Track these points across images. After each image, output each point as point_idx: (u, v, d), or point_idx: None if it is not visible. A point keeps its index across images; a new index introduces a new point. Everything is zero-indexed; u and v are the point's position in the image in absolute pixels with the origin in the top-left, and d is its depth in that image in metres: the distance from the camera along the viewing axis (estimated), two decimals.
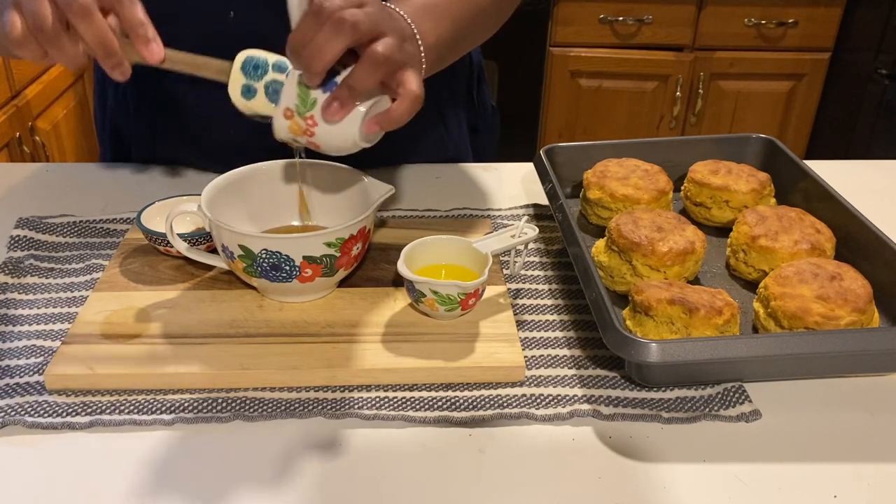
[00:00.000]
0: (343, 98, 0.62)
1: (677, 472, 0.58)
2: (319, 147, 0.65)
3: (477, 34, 0.87)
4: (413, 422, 0.62)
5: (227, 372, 0.64)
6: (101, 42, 0.62)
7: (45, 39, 0.62)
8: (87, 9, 0.61)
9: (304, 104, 0.63)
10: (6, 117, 1.76)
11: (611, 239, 0.77)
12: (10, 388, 0.63)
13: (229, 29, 0.84)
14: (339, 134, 0.64)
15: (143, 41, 0.63)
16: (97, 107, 1.04)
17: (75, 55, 0.63)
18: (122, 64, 0.64)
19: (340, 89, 0.62)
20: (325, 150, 0.66)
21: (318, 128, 0.63)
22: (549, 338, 0.71)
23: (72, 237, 0.83)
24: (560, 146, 0.93)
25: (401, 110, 0.63)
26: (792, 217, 0.79)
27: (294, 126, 0.64)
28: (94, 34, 0.61)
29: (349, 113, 0.63)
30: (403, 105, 0.63)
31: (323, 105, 0.62)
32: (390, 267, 0.77)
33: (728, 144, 0.96)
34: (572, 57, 2.33)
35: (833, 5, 2.26)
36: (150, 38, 0.63)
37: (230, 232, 0.67)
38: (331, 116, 0.62)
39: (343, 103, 0.62)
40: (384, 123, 0.64)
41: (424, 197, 0.94)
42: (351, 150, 0.66)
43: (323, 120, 0.63)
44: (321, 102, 0.62)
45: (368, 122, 0.63)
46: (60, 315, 0.72)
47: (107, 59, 0.63)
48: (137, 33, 0.63)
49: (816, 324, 0.66)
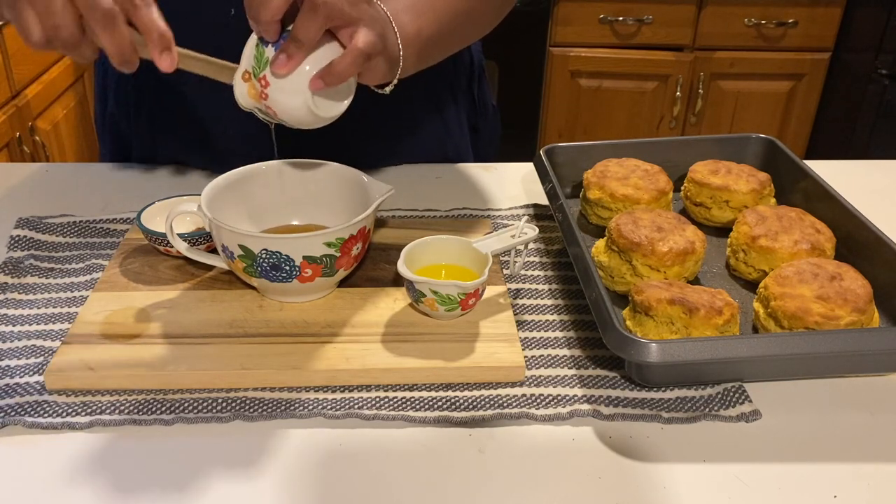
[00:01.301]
0: (289, 50, 0.61)
1: (677, 472, 0.58)
2: (276, 113, 0.65)
3: (465, 35, 0.86)
4: (413, 422, 0.62)
5: (227, 372, 0.64)
6: (120, 51, 0.60)
7: (61, 45, 0.60)
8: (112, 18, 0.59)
9: (258, 63, 0.63)
10: (6, 117, 1.76)
11: (611, 239, 0.77)
12: (10, 388, 0.63)
13: (230, 26, 0.83)
14: (290, 97, 0.64)
15: (157, 50, 0.62)
16: (97, 107, 1.04)
17: (88, 56, 0.62)
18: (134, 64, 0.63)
19: (288, 41, 0.62)
20: (281, 115, 0.65)
21: (270, 88, 0.64)
22: (549, 338, 0.71)
23: (72, 237, 0.83)
24: (560, 146, 0.93)
25: (343, 63, 0.63)
26: (792, 217, 0.79)
27: (251, 89, 0.64)
28: (115, 43, 0.60)
29: (296, 66, 0.62)
30: (346, 59, 0.63)
31: (272, 60, 0.62)
32: (390, 267, 0.77)
33: (728, 144, 0.96)
34: (572, 57, 2.33)
35: (833, 5, 2.26)
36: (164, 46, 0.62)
37: (230, 232, 0.67)
38: (278, 68, 0.62)
39: (290, 55, 0.62)
40: (326, 77, 0.63)
41: (424, 197, 0.94)
42: (306, 117, 0.65)
43: (272, 75, 0.63)
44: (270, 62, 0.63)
45: (313, 78, 0.63)
46: (60, 315, 0.72)
47: (121, 64, 0.62)
48: (154, 40, 0.61)
49: (816, 324, 0.66)
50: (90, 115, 2.18)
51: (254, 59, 0.63)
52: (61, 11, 0.58)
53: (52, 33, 0.59)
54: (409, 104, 0.97)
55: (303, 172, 0.77)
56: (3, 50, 1.75)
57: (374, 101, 0.89)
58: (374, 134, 0.97)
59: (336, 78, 0.64)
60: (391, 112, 0.96)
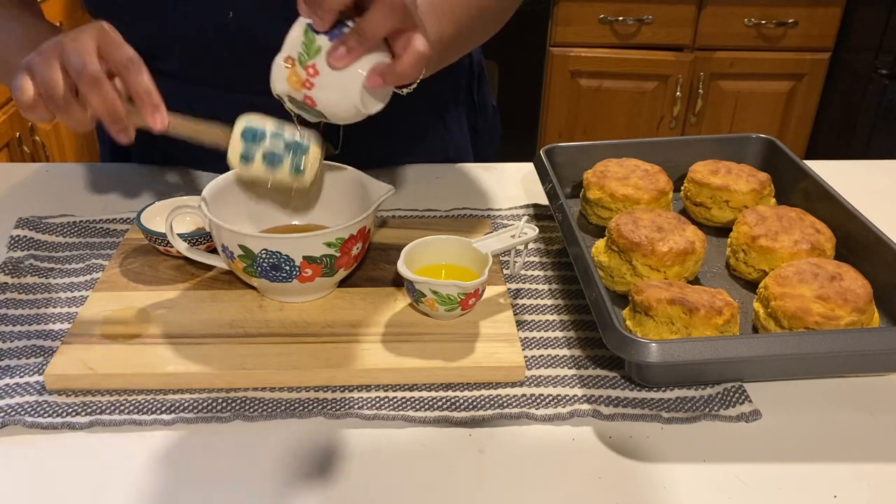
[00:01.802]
0: (351, 43, 0.60)
1: (677, 472, 0.58)
2: (316, 104, 0.63)
3: (477, 35, 0.87)
4: (413, 422, 0.62)
5: (227, 372, 0.64)
6: (110, 111, 0.64)
7: (54, 106, 0.64)
8: (97, 79, 0.62)
9: (307, 51, 0.61)
10: (6, 117, 1.76)
11: (611, 239, 0.77)
12: (10, 388, 0.63)
13: (228, 29, 0.84)
14: (339, 90, 0.62)
15: (149, 110, 0.65)
16: None
17: (83, 120, 0.65)
18: (128, 129, 0.66)
19: (350, 34, 0.60)
20: (321, 107, 0.64)
21: (318, 78, 0.62)
22: (549, 338, 0.71)
23: (72, 237, 0.83)
24: (560, 146, 0.93)
25: (405, 64, 0.62)
26: (792, 217, 0.79)
27: (293, 76, 0.62)
28: (103, 103, 0.63)
29: (354, 60, 0.61)
30: (409, 59, 0.62)
31: (330, 49, 0.61)
32: (390, 267, 0.77)
33: (728, 144, 0.96)
34: (572, 57, 2.33)
35: (833, 5, 2.26)
36: (155, 105, 0.65)
37: (230, 232, 0.67)
38: (336, 61, 0.61)
39: (350, 48, 0.60)
40: (388, 77, 0.62)
41: (424, 197, 0.94)
42: (348, 111, 0.64)
43: (327, 65, 0.61)
44: (326, 50, 0.61)
45: (371, 73, 0.62)
46: (60, 315, 0.72)
47: (113, 125, 0.65)
48: (143, 101, 0.64)
49: (816, 324, 0.66)
50: None
51: (302, 45, 0.61)
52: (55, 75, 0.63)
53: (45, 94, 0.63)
54: (410, 105, 0.97)
55: None
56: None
57: None
58: (374, 134, 0.97)
59: (397, 79, 0.63)
60: (391, 112, 0.96)
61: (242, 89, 0.84)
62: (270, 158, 0.67)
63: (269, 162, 0.67)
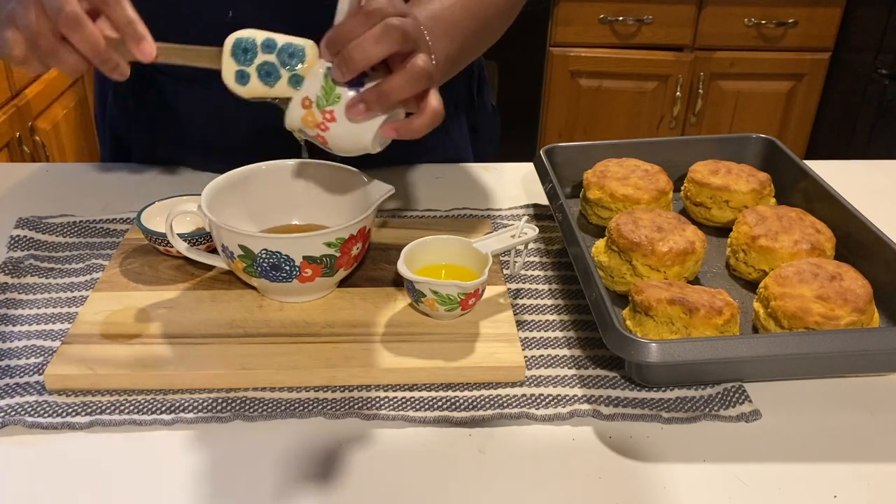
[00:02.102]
0: (371, 101, 0.62)
1: (677, 472, 0.58)
2: (326, 143, 0.65)
3: (482, 46, 0.87)
4: (413, 422, 0.62)
5: (227, 372, 0.64)
6: (95, 49, 0.62)
7: (43, 54, 0.62)
8: (77, 18, 0.61)
9: (326, 98, 0.62)
10: (6, 117, 1.76)
11: (611, 239, 0.77)
12: (10, 388, 0.63)
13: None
14: (353, 136, 0.64)
15: (133, 40, 0.63)
16: (97, 107, 1.04)
17: (75, 63, 0.63)
18: (119, 66, 0.64)
19: (371, 92, 0.62)
20: (331, 147, 0.65)
21: (334, 124, 0.63)
22: (549, 338, 0.71)
23: (72, 237, 0.83)
24: (560, 146, 0.93)
25: (420, 123, 0.64)
26: (792, 217, 0.79)
27: (309, 117, 0.63)
28: (87, 42, 0.61)
29: (372, 117, 0.63)
30: (424, 119, 0.64)
31: (349, 103, 0.62)
32: (390, 267, 0.77)
33: (728, 144, 0.96)
34: (572, 57, 2.33)
35: (833, 5, 2.26)
36: (139, 36, 0.63)
37: (230, 232, 0.67)
38: (354, 116, 0.62)
39: (369, 107, 0.62)
40: (402, 132, 0.64)
41: (424, 197, 0.94)
42: (356, 153, 0.65)
43: (344, 117, 0.62)
44: (345, 100, 0.62)
45: (387, 126, 0.64)
46: (60, 315, 0.72)
47: (102, 64, 0.63)
48: (126, 33, 0.63)
49: (816, 324, 0.66)
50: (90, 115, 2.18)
51: (321, 90, 0.62)
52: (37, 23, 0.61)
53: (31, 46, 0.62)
54: None
55: (303, 172, 0.77)
56: None
57: None
58: None
59: (413, 134, 0.65)
60: None
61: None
62: (266, 71, 0.65)
63: (265, 75, 0.65)
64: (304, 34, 0.64)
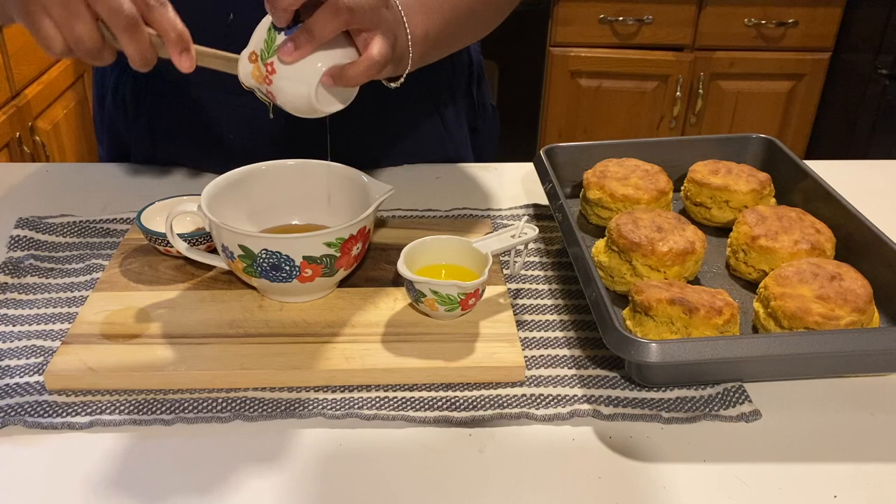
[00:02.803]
0: (299, 40, 0.61)
1: (677, 472, 0.58)
2: (276, 99, 0.65)
3: (468, 33, 0.86)
4: (413, 422, 0.62)
5: (227, 372, 0.64)
6: (142, 55, 0.60)
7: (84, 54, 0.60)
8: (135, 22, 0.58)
9: (268, 49, 0.63)
10: (6, 117, 1.76)
11: (611, 239, 0.77)
12: (10, 388, 0.63)
13: (229, 31, 0.83)
14: (294, 87, 0.63)
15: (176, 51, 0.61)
16: (96, 109, 1.04)
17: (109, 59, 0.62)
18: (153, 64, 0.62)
19: (299, 31, 0.61)
20: (280, 103, 0.65)
21: (275, 76, 0.63)
22: (549, 338, 0.71)
23: (72, 237, 0.83)
24: (560, 146, 0.93)
25: (355, 71, 0.63)
26: (792, 217, 0.79)
27: (256, 71, 0.64)
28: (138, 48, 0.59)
29: (301, 57, 0.62)
30: (359, 67, 0.63)
31: (279, 47, 0.62)
32: (390, 267, 0.77)
33: (728, 144, 0.96)
34: (572, 57, 2.33)
35: (833, 5, 2.26)
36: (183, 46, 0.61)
37: (230, 232, 0.67)
38: (285, 55, 0.61)
39: (298, 45, 0.61)
40: (337, 78, 0.63)
41: (424, 197, 0.94)
42: (304, 107, 0.65)
43: (280, 62, 0.62)
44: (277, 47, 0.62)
45: (324, 75, 0.63)
46: (60, 315, 0.72)
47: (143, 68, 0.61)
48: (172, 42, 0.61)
49: (816, 324, 0.66)
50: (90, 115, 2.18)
51: (264, 42, 0.63)
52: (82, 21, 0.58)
53: (74, 43, 0.59)
54: (409, 105, 0.97)
55: (303, 172, 0.77)
56: (4, 50, 1.75)
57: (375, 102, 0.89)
58: (374, 134, 0.97)
59: (347, 81, 0.64)
60: (391, 112, 0.96)
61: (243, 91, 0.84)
62: None
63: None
64: None
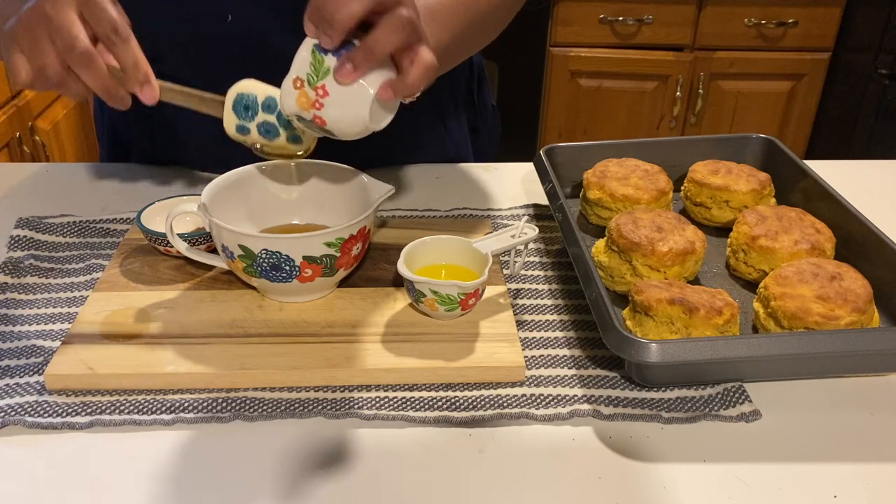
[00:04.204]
0: (358, 60, 0.60)
1: (677, 472, 0.58)
2: (325, 124, 0.63)
3: (476, 42, 0.87)
4: (413, 422, 0.62)
5: (227, 372, 0.64)
6: (103, 88, 0.64)
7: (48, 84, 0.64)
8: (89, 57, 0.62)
9: (316, 73, 0.61)
10: (6, 117, 1.76)
11: (611, 239, 0.77)
12: (10, 388, 0.63)
13: (228, 32, 0.84)
14: (349, 108, 0.62)
15: (136, 84, 0.65)
16: (96, 107, 1.04)
17: (80, 92, 0.65)
18: (124, 99, 0.65)
19: (356, 50, 0.60)
20: (331, 128, 0.64)
21: (327, 99, 0.62)
22: (549, 338, 0.71)
23: (72, 237, 0.83)
24: (560, 146, 0.93)
25: (415, 76, 0.62)
26: (792, 217, 0.79)
27: (302, 97, 0.62)
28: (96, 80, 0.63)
29: (362, 76, 0.61)
30: (418, 71, 0.61)
31: (336, 66, 0.60)
32: (390, 267, 0.77)
33: (728, 144, 0.96)
34: (572, 57, 2.33)
35: (833, 5, 2.26)
36: (142, 80, 0.65)
37: (230, 232, 0.67)
38: (343, 77, 0.60)
39: (357, 65, 0.60)
40: (399, 88, 0.62)
41: (424, 197, 0.94)
42: (356, 127, 0.64)
43: (337, 88, 0.61)
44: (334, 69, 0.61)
45: (382, 87, 0.61)
46: (60, 315, 0.72)
47: (108, 100, 0.65)
48: (130, 76, 0.64)
49: (816, 324, 0.66)
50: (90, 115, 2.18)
51: (310, 66, 0.61)
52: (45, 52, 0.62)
53: (38, 73, 0.63)
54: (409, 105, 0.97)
55: (303, 172, 0.77)
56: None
57: None
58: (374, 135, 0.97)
59: (407, 90, 0.62)
60: None
61: None
62: (266, 129, 0.66)
63: (265, 132, 0.67)
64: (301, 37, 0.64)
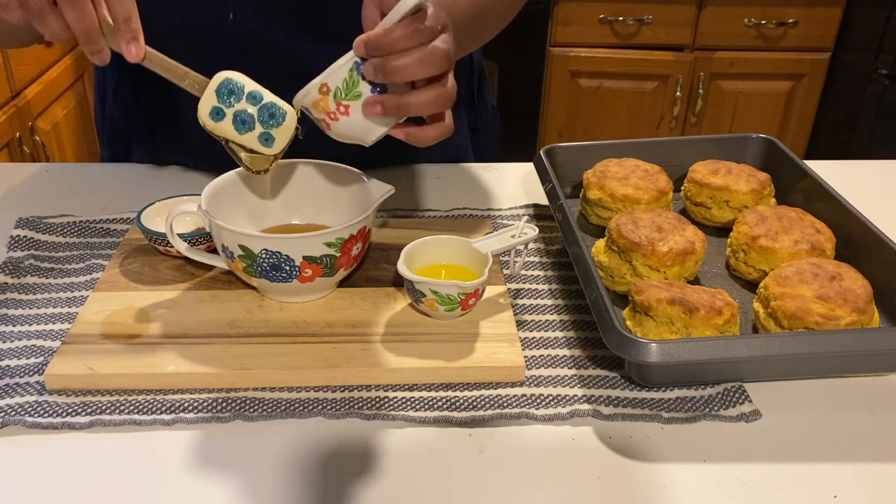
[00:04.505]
0: (391, 108, 0.62)
1: (677, 472, 0.58)
2: (329, 129, 0.65)
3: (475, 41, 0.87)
4: (413, 422, 0.62)
5: (227, 372, 0.64)
6: (85, 31, 0.60)
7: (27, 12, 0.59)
8: None
9: (346, 91, 0.62)
10: (6, 117, 1.76)
11: (611, 239, 0.77)
12: (10, 388, 0.63)
13: (229, 30, 0.84)
14: (359, 131, 0.65)
15: (125, 38, 0.62)
16: (97, 107, 1.04)
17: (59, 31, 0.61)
18: (103, 51, 0.62)
19: (393, 99, 0.62)
20: (332, 133, 0.66)
21: (345, 118, 0.64)
22: (549, 338, 0.71)
23: (72, 237, 0.83)
24: (560, 146, 0.93)
25: (431, 135, 0.65)
26: (792, 217, 0.79)
27: (322, 103, 0.64)
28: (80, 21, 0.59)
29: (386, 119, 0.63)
30: (436, 131, 0.65)
31: (367, 101, 0.62)
32: (390, 267, 0.77)
33: (728, 144, 0.96)
34: (572, 57, 2.33)
35: (833, 5, 2.26)
36: (133, 35, 0.62)
37: (230, 232, 0.67)
38: (370, 113, 0.63)
39: (387, 112, 0.62)
40: (412, 138, 0.65)
41: (424, 197, 0.94)
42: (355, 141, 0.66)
43: (358, 113, 0.63)
44: (365, 98, 0.62)
45: (398, 129, 0.65)
46: (60, 315, 0.72)
47: (87, 45, 0.61)
48: (121, 28, 0.61)
49: (816, 324, 0.66)
50: (90, 115, 2.18)
51: (344, 83, 0.62)
52: None
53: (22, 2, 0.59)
54: None
55: (303, 172, 0.77)
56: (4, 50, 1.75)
57: None
58: None
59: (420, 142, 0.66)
60: None
61: None
62: (242, 119, 0.65)
63: (239, 122, 0.65)
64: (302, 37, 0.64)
